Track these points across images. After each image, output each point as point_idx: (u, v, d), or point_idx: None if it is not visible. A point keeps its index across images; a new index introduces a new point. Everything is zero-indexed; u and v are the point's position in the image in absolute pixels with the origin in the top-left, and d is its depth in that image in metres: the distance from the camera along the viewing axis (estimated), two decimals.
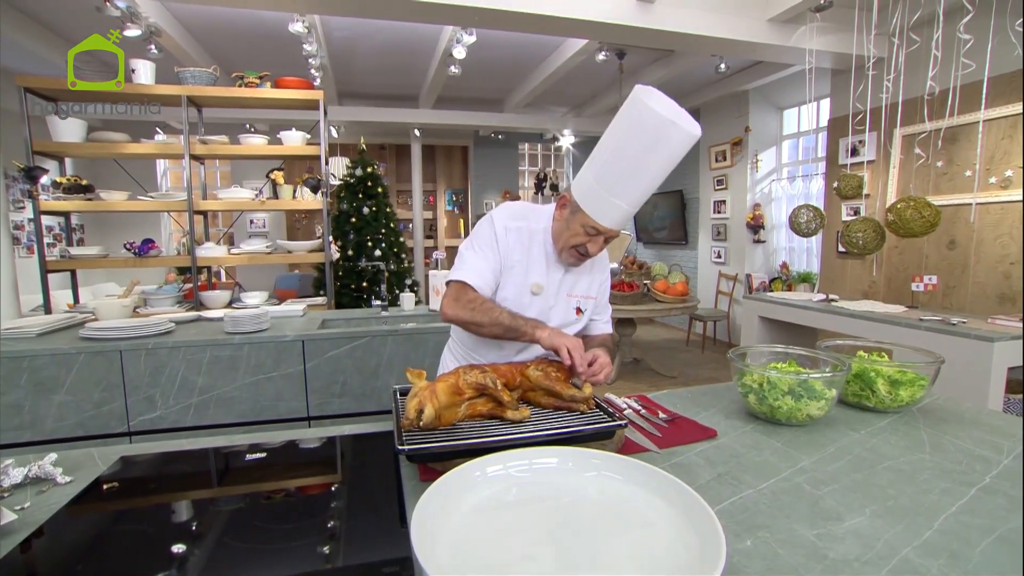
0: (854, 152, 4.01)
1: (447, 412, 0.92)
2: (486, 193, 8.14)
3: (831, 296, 3.44)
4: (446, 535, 0.61)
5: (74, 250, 2.98)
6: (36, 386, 1.90)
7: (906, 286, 3.60)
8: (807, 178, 5.27)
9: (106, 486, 0.89)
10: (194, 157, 3.08)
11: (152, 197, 3.08)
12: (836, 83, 4.24)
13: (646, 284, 4.56)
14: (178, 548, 0.71)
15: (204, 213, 3.57)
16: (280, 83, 3.13)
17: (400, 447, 0.81)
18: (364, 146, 5.17)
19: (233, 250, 3.21)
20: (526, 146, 8.53)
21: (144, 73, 2.90)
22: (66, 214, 3.18)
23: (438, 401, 0.91)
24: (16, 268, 3.18)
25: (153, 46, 3.55)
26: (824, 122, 4.78)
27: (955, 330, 2.40)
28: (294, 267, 6.77)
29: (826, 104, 4.63)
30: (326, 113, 3.21)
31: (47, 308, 2.88)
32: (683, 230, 6.71)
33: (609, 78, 5.42)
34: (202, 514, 0.83)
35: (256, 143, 3.14)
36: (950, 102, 2.91)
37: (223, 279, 5.64)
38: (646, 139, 1.04)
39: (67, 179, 2.95)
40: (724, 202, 5.98)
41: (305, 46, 3.92)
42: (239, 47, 4.64)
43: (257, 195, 3.18)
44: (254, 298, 3.10)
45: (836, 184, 3.48)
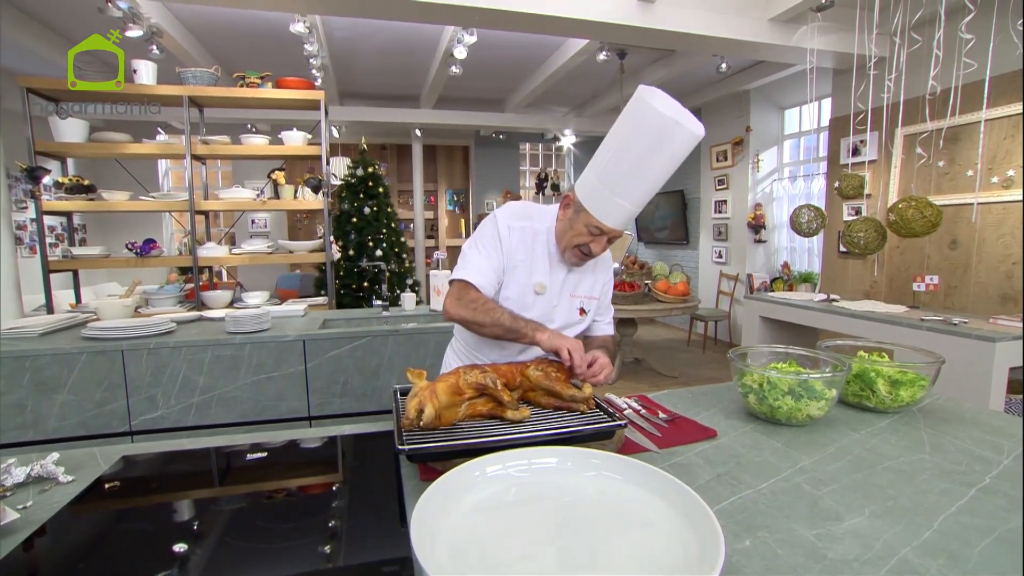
0: (855, 152, 4.01)
1: (447, 412, 0.93)
2: (487, 193, 8.14)
3: (832, 296, 3.44)
4: (446, 535, 0.62)
5: (76, 250, 2.98)
6: (38, 386, 1.91)
7: (908, 286, 3.59)
8: (808, 178, 5.27)
9: (108, 485, 0.89)
10: (195, 157, 3.08)
11: (154, 197, 3.09)
12: (837, 83, 4.23)
13: (647, 284, 4.56)
14: (179, 547, 0.71)
15: (205, 213, 3.57)
16: (281, 83, 3.13)
17: (400, 447, 0.82)
18: (365, 146, 5.18)
19: (234, 250, 3.21)
20: (527, 146, 8.53)
21: (146, 73, 2.91)
22: (68, 214, 3.19)
23: (438, 401, 0.91)
24: (18, 268, 3.19)
25: (155, 46, 3.56)
26: (825, 122, 4.77)
27: (956, 330, 2.40)
28: (295, 267, 6.78)
29: (827, 104, 4.62)
30: (327, 113, 3.21)
31: (49, 308, 2.89)
32: (684, 230, 6.71)
33: (610, 78, 5.42)
34: (203, 513, 0.84)
35: (257, 143, 3.15)
36: (952, 102, 2.90)
37: (224, 279, 5.65)
38: (649, 139, 1.04)
39: (69, 179, 2.96)
40: (725, 202, 5.98)
41: (306, 46, 3.92)
42: (240, 47, 4.64)
43: (258, 195, 3.18)
44: (255, 298, 3.10)
45: (837, 184, 3.48)
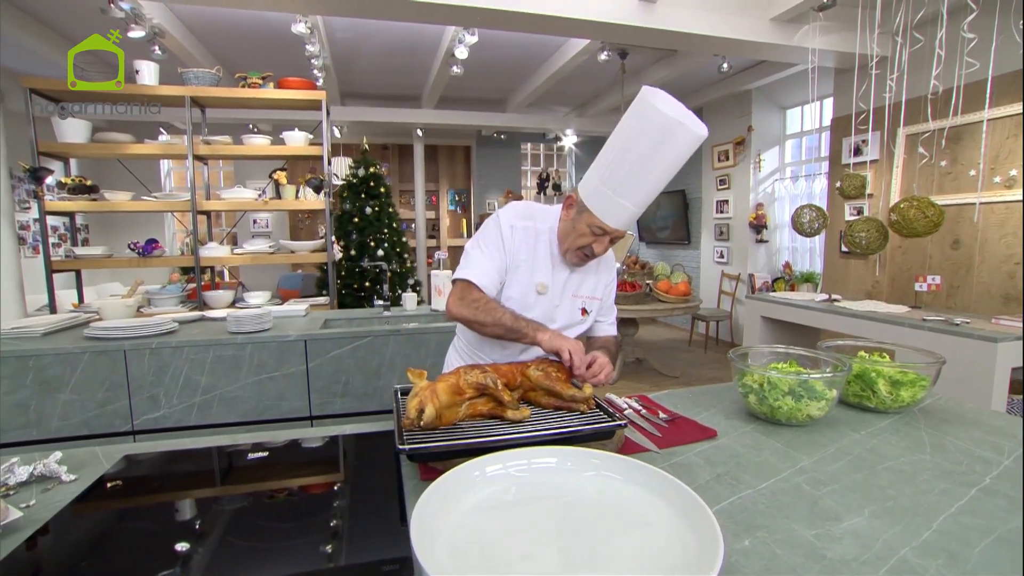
0: (857, 152, 4.00)
1: (448, 412, 0.93)
2: (489, 193, 8.15)
3: (834, 296, 3.43)
4: (445, 534, 0.62)
5: (79, 250, 2.99)
6: (41, 385, 1.91)
7: (910, 286, 3.58)
8: (810, 178, 5.26)
9: (110, 484, 0.90)
10: (197, 157, 3.09)
11: (156, 197, 3.10)
12: (839, 82, 4.22)
13: (648, 284, 4.56)
14: (181, 546, 0.72)
15: (207, 213, 3.58)
16: (283, 83, 3.14)
17: (400, 446, 0.82)
18: (367, 146, 5.18)
19: (236, 250, 3.22)
20: (528, 146, 8.53)
21: (148, 74, 2.92)
22: (71, 214, 3.20)
23: (439, 401, 0.91)
24: (22, 268, 3.20)
25: (157, 47, 3.57)
26: (827, 121, 4.76)
27: (958, 330, 2.39)
28: (297, 267, 6.80)
29: (829, 103, 4.61)
30: (329, 113, 3.22)
31: (52, 308, 2.90)
32: (686, 230, 6.70)
33: (611, 78, 5.41)
34: (205, 513, 0.84)
35: (259, 143, 3.15)
36: (954, 101, 2.89)
37: (226, 279, 5.66)
38: (652, 139, 1.05)
39: (72, 180, 2.97)
40: (727, 202, 5.97)
41: (308, 47, 3.93)
42: (242, 48, 4.65)
43: (260, 195, 3.19)
44: (257, 298, 3.11)
45: (839, 184, 3.47)
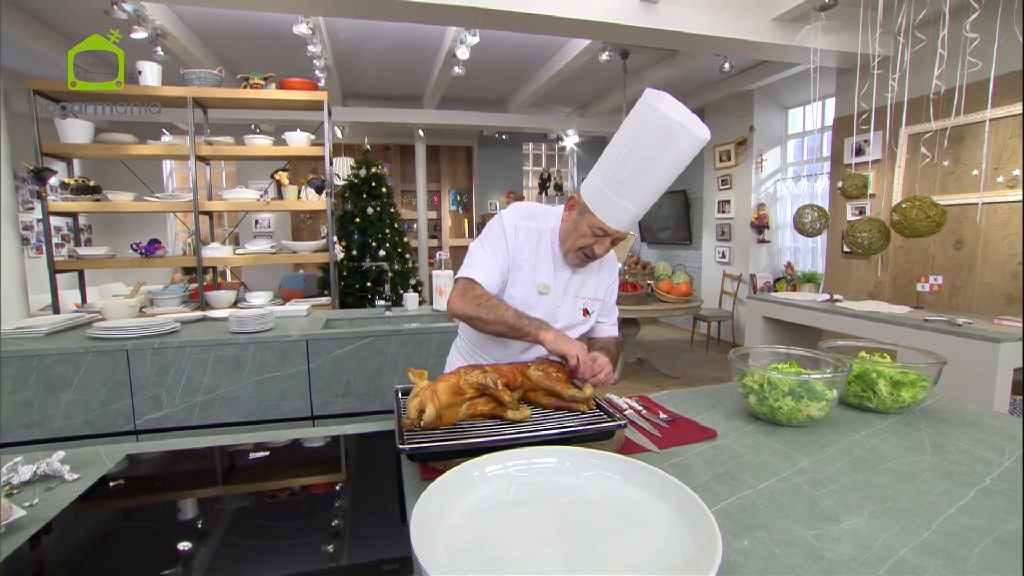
0: (859, 152, 3.99)
1: (448, 412, 0.93)
2: (490, 193, 8.15)
3: (835, 296, 3.42)
4: (445, 534, 0.62)
5: (82, 250, 3.01)
6: (45, 385, 1.92)
7: (912, 286, 3.58)
8: (812, 178, 5.25)
9: (112, 484, 0.90)
10: (200, 158, 3.10)
11: (158, 198, 3.11)
12: (841, 82, 4.22)
13: (650, 284, 4.56)
14: (183, 545, 0.72)
15: (210, 213, 3.59)
16: (285, 84, 3.15)
17: (401, 446, 0.82)
18: (368, 146, 5.19)
19: (238, 250, 3.23)
20: (530, 146, 8.53)
21: (151, 75, 2.93)
22: (74, 215, 3.22)
23: (439, 401, 0.91)
24: (25, 268, 3.22)
25: (159, 48, 3.58)
26: (829, 121, 4.75)
27: (960, 331, 2.38)
28: (299, 267, 6.81)
29: (831, 103, 4.61)
30: (330, 114, 3.23)
31: (55, 308, 2.91)
32: (687, 230, 6.70)
33: (613, 78, 5.41)
34: (207, 512, 0.85)
35: (261, 144, 3.16)
36: (956, 101, 2.89)
37: (228, 279, 5.68)
38: (654, 142, 1.05)
39: (75, 180, 2.98)
40: (728, 202, 5.96)
41: (309, 47, 3.94)
42: (244, 49, 4.67)
43: (262, 195, 3.20)
44: (259, 298, 3.12)
45: (841, 184, 3.46)
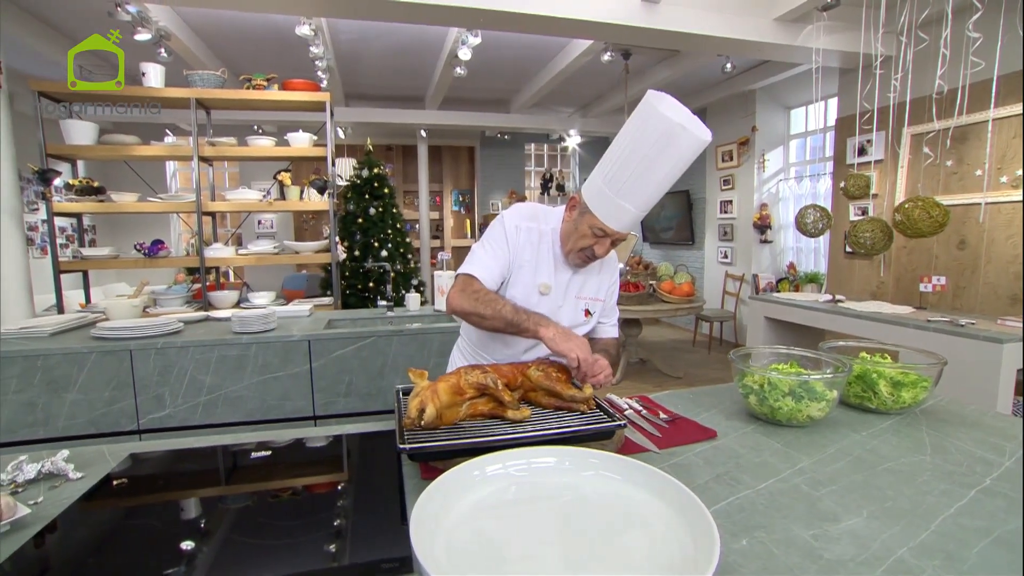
0: (862, 151, 3.98)
1: (448, 411, 0.94)
2: (492, 193, 8.16)
3: (838, 297, 3.42)
4: (445, 534, 0.63)
5: (86, 251, 3.03)
6: (49, 384, 1.94)
7: (915, 287, 3.57)
8: (814, 178, 5.24)
9: (116, 482, 0.91)
10: (203, 159, 3.12)
11: (162, 198, 3.13)
12: (843, 82, 4.21)
13: (652, 284, 4.55)
14: (186, 543, 0.73)
15: (212, 214, 3.61)
16: (287, 85, 3.16)
17: (401, 446, 0.83)
18: (371, 147, 5.20)
19: (241, 251, 3.24)
20: (532, 146, 8.53)
21: (154, 76, 2.95)
22: (78, 215, 3.24)
23: (439, 401, 0.92)
24: (30, 268, 3.24)
25: (163, 50, 3.60)
26: (832, 121, 4.74)
27: (963, 331, 2.38)
28: (301, 267, 6.83)
29: (834, 103, 4.60)
30: (332, 115, 3.24)
31: (60, 308, 2.93)
32: (690, 230, 6.69)
33: (615, 78, 5.41)
34: (210, 510, 0.85)
35: (263, 145, 3.18)
36: (959, 101, 2.88)
37: (231, 279, 5.70)
38: (656, 143, 1.05)
39: (79, 181, 3.00)
40: (731, 202, 5.95)
41: (312, 48, 3.95)
42: (247, 50, 4.68)
43: (265, 196, 3.21)
44: (262, 298, 3.13)
45: (843, 184, 3.46)
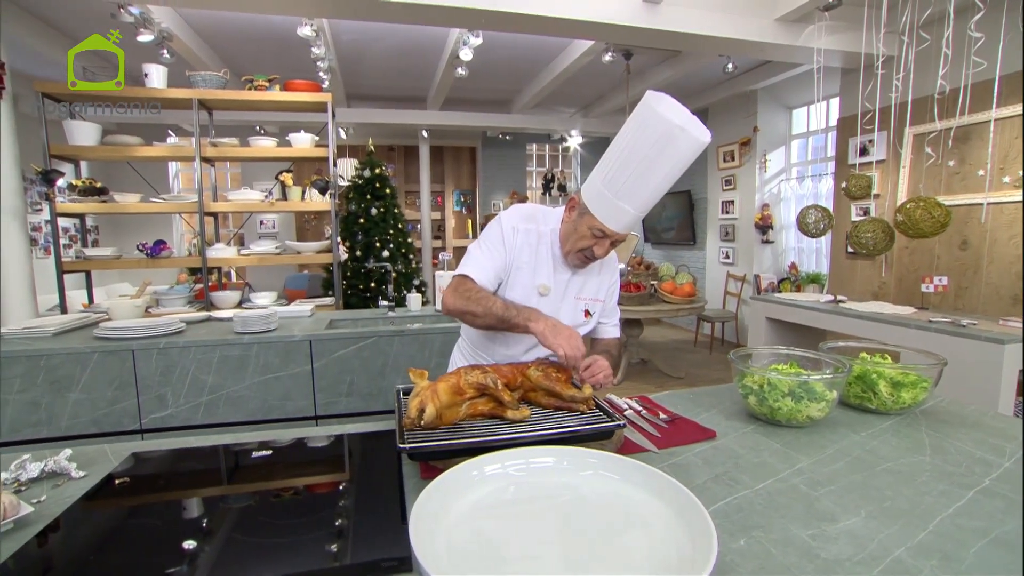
0: (863, 152, 3.97)
1: (448, 411, 0.94)
2: (494, 194, 8.16)
3: (839, 297, 3.41)
4: (444, 533, 0.63)
5: (89, 251, 3.04)
6: (52, 384, 1.95)
7: (917, 287, 3.56)
8: (816, 178, 5.23)
9: (118, 481, 0.92)
10: (205, 159, 3.13)
11: (164, 199, 3.14)
12: (845, 82, 4.20)
13: (653, 285, 4.55)
14: (188, 542, 0.73)
15: (215, 215, 3.62)
16: (289, 86, 3.17)
17: (401, 445, 0.83)
18: (372, 147, 5.21)
19: (243, 251, 3.25)
20: (534, 147, 8.53)
21: (156, 77, 2.96)
22: (81, 216, 3.25)
23: (439, 400, 0.92)
24: (33, 269, 3.26)
25: (165, 51, 3.61)
26: (833, 121, 4.73)
27: (965, 332, 2.37)
28: (303, 268, 6.84)
29: (835, 103, 4.59)
30: (334, 115, 3.24)
31: (63, 308, 2.94)
32: (691, 230, 6.68)
33: (616, 79, 5.41)
34: (211, 510, 0.86)
35: (265, 145, 3.18)
36: (961, 101, 2.87)
37: (233, 280, 5.71)
38: (654, 144, 1.05)
39: (82, 182, 3.02)
40: (732, 202, 5.95)
41: (313, 49, 3.96)
42: (249, 51, 4.70)
43: (267, 197, 3.22)
44: (263, 298, 3.14)
45: (845, 184, 3.45)
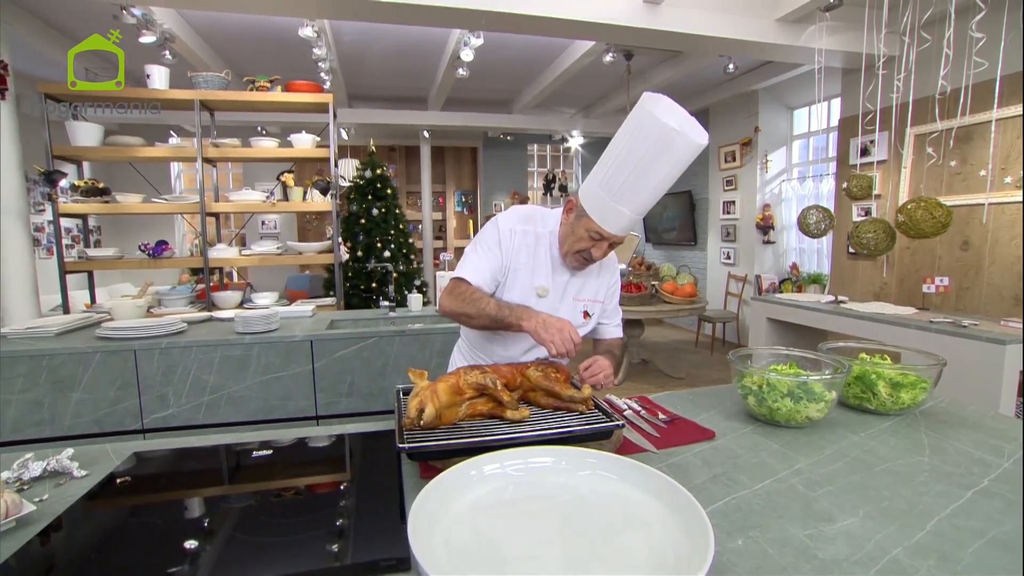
0: (865, 152, 3.97)
1: (448, 411, 0.94)
2: (495, 194, 8.17)
3: (840, 298, 3.41)
4: (442, 533, 0.63)
5: (91, 251, 3.05)
6: (55, 384, 1.96)
7: (918, 288, 3.55)
8: (817, 178, 5.22)
9: (120, 480, 0.92)
10: (207, 160, 3.14)
11: (166, 199, 3.15)
12: (846, 82, 4.20)
13: (654, 285, 4.55)
14: (189, 541, 0.74)
15: (216, 215, 3.63)
16: (290, 87, 3.18)
17: (400, 445, 0.83)
18: (374, 148, 5.22)
19: (244, 251, 3.26)
20: (535, 147, 8.54)
21: (159, 78, 2.97)
22: (84, 216, 3.27)
23: (439, 400, 0.93)
24: (36, 269, 3.27)
25: (167, 52, 3.62)
26: (835, 122, 4.73)
27: (966, 332, 2.37)
28: (304, 268, 6.85)
29: (837, 103, 4.58)
30: (336, 116, 3.25)
31: (65, 308, 2.95)
32: (692, 231, 6.68)
33: (617, 79, 5.41)
34: (212, 509, 0.86)
35: (267, 146, 3.19)
36: (962, 101, 2.87)
37: (235, 280, 5.72)
38: (651, 147, 1.05)
39: (85, 182, 3.03)
40: (734, 203, 5.94)
41: (315, 50, 3.97)
42: (250, 52, 4.71)
43: (268, 197, 3.23)
44: (265, 299, 3.15)
45: (846, 185, 3.45)
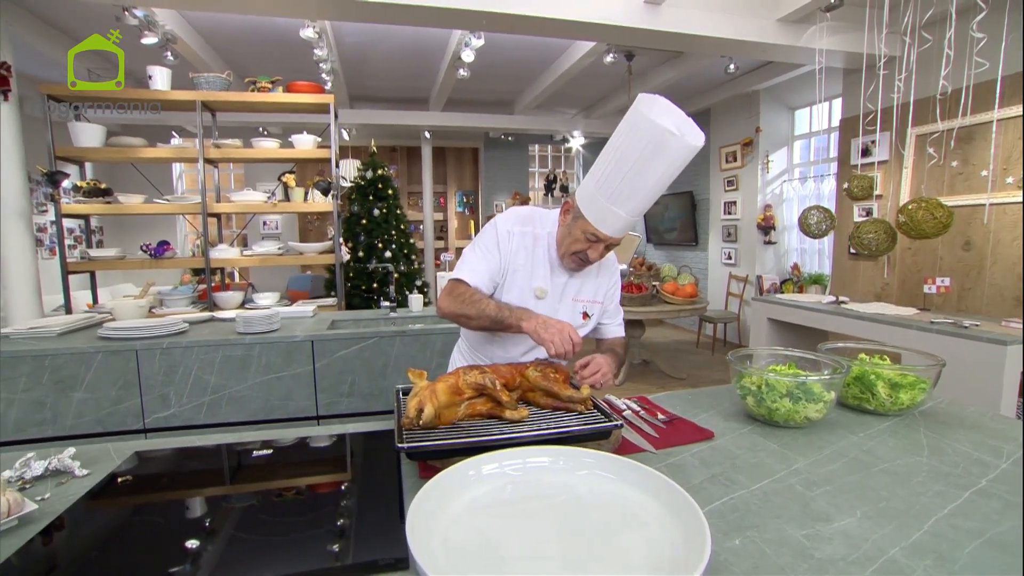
0: (866, 152, 3.97)
1: (447, 411, 0.95)
2: (496, 194, 8.18)
3: (841, 298, 3.40)
4: (441, 532, 0.64)
5: (93, 252, 3.06)
6: (57, 384, 1.97)
7: (919, 288, 3.55)
8: (819, 179, 5.22)
9: (121, 480, 0.93)
10: (208, 161, 3.15)
11: (168, 200, 3.16)
12: (848, 83, 4.19)
13: (655, 286, 4.55)
14: (190, 540, 0.74)
15: (218, 215, 3.64)
16: (292, 87, 3.19)
17: (399, 445, 0.84)
18: (375, 148, 5.23)
19: (246, 252, 3.27)
20: (536, 147, 8.54)
21: (160, 79, 2.98)
22: (86, 217, 3.28)
23: (438, 400, 0.93)
24: (39, 269, 3.28)
25: (169, 53, 3.64)
26: (836, 122, 4.72)
27: (967, 333, 2.36)
28: (306, 268, 6.86)
29: (838, 104, 4.58)
30: (337, 116, 3.26)
31: (68, 308, 2.97)
32: (693, 231, 6.68)
33: (618, 79, 5.42)
34: (213, 508, 0.87)
35: (268, 147, 3.20)
36: (963, 101, 2.86)
37: (236, 280, 5.74)
38: (645, 149, 1.04)
39: (87, 183, 3.04)
40: (735, 203, 5.94)
41: (316, 51, 3.98)
42: (252, 53, 4.72)
43: (269, 198, 3.24)
44: (266, 299, 3.16)
45: (847, 185, 3.44)
